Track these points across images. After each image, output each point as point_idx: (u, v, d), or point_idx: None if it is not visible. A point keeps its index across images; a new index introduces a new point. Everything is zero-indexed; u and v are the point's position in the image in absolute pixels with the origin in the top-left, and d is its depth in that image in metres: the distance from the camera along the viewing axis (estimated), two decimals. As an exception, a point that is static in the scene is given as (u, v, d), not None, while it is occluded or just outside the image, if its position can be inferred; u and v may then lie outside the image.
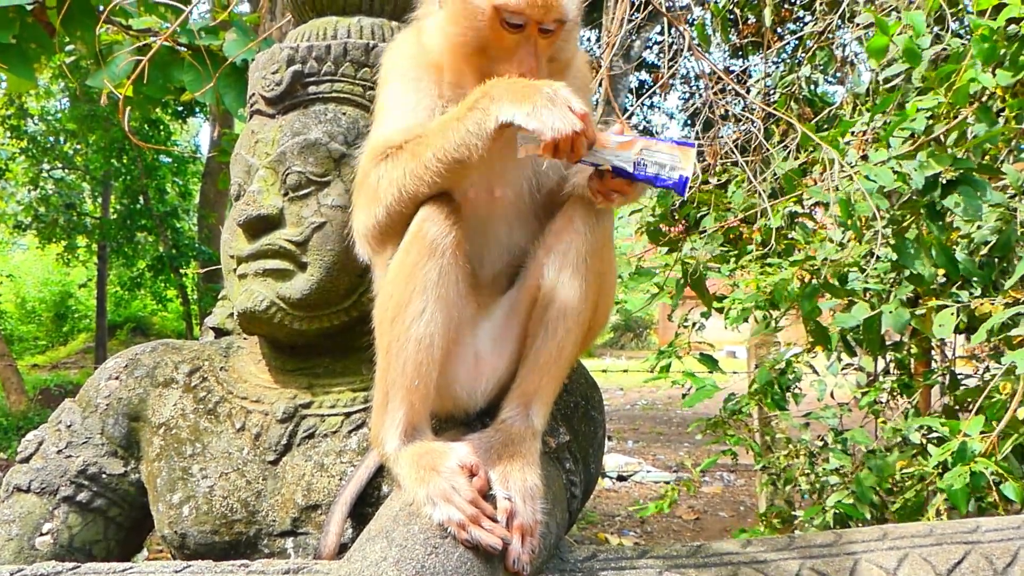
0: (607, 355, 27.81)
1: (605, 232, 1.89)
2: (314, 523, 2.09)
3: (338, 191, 2.19)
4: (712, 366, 3.80)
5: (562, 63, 1.88)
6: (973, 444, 2.63)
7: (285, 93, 2.28)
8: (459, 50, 1.84)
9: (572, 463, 2.12)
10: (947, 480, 2.58)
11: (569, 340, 1.87)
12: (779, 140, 4.35)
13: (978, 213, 2.90)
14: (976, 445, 2.63)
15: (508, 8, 1.73)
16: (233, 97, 4.68)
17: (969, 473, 2.55)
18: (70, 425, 2.34)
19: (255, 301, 2.18)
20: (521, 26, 1.76)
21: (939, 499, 2.82)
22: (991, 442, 2.66)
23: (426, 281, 1.75)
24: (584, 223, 1.86)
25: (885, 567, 1.82)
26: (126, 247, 18.41)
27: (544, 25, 1.77)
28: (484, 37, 1.79)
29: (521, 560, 1.63)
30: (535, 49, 1.78)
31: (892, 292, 3.31)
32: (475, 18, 1.79)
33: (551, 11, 1.75)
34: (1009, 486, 2.57)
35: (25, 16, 4.49)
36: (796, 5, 6.69)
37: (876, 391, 3.84)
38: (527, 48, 1.78)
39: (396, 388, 1.79)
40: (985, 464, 2.54)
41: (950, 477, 2.58)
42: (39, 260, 26.58)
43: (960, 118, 2.97)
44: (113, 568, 1.81)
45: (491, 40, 1.79)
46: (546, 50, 1.82)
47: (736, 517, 7.86)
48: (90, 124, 15.72)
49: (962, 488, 2.54)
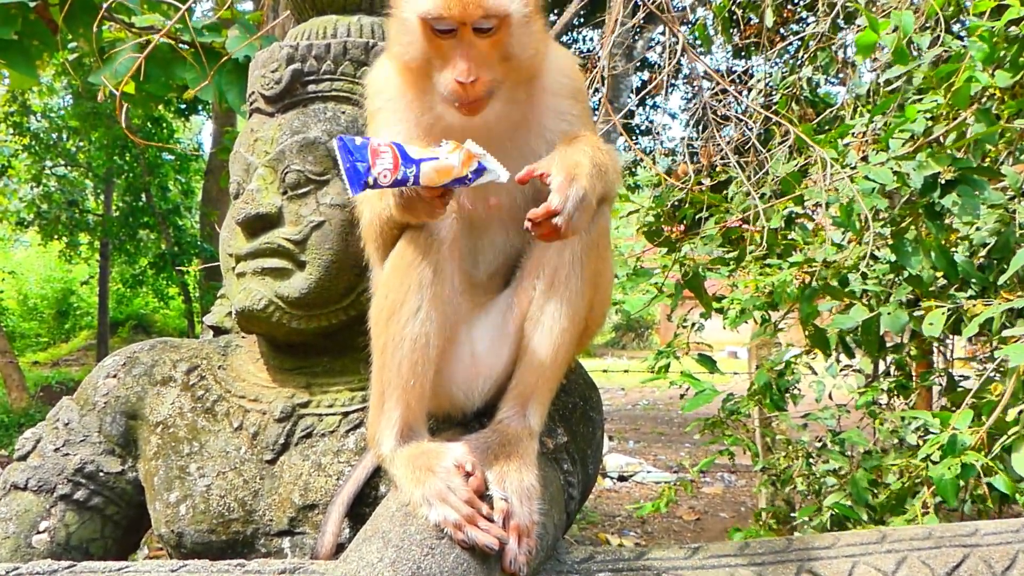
0: (608, 355, 27.80)
1: (601, 231, 1.88)
2: (311, 523, 2.09)
3: (337, 190, 2.19)
4: (711, 367, 3.79)
5: (523, 60, 1.81)
6: (963, 437, 2.62)
7: (284, 91, 2.28)
8: (410, 66, 1.83)
9: (570, 464, 2.12)
10: (937, 471, 2.57)
11: (565, 340, 1.87)
12: (780, 141, 4.34)
13: (976, 212, 2.89)
14: (966, 438, 2.62)
15: (431, 16, 1.70)
16: (235, 94, 4.69)
17: (959, 465, 2.54)
18: (68, 423, 2.34)
19: (253, 300, 2.17)
20: (453, 31, 1.72)
21: (926, 492, 2.81)
22: (980, 437, 2.66)
23: (421, 280, 1.75)
24: None
25: (883, 570, 1.82)
26: (128, 244, 18.43)
27: (476, 24, 1.71)
28: (423, 49, 1.77)
29: (518, 561, 1.63)
30: (469, 52, 1.73)
31: (891, 294, 3.31)
32: (409, 33, 1.78)
33: (474, 8, 1.69)
34: (999, 479, 2.57)
35: (28, 13, 4.49)
36: (798, 6, 6.68)
37: (874, 392, 3.83)
38: (461, 52, 1.73)
39: (392, 388, 1.79)
40: (975, 457, 2.54)
41: (940, 468, 2.57)
42: (41, 257, 26.63)
43: (960, 119, 2.96)
44: (110, 567, 1.81)
45: (430, 51, 1.76)
46: (493, 50, 1.76)
47: (736, 518, 7.85)
48: (93, 121, 15.72)
49: (951, 480, 2.54)
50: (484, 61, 1.75)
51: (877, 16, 3.33)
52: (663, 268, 3.98)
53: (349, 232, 2.14)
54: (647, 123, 12.21)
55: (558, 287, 1.85)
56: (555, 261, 1.85)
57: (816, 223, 4.02)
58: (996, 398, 2.86)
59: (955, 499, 2.58)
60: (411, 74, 1.85)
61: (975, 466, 2.53)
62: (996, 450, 2.65)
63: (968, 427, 2.67)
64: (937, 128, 3.04)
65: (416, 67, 1.81)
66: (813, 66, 4.83)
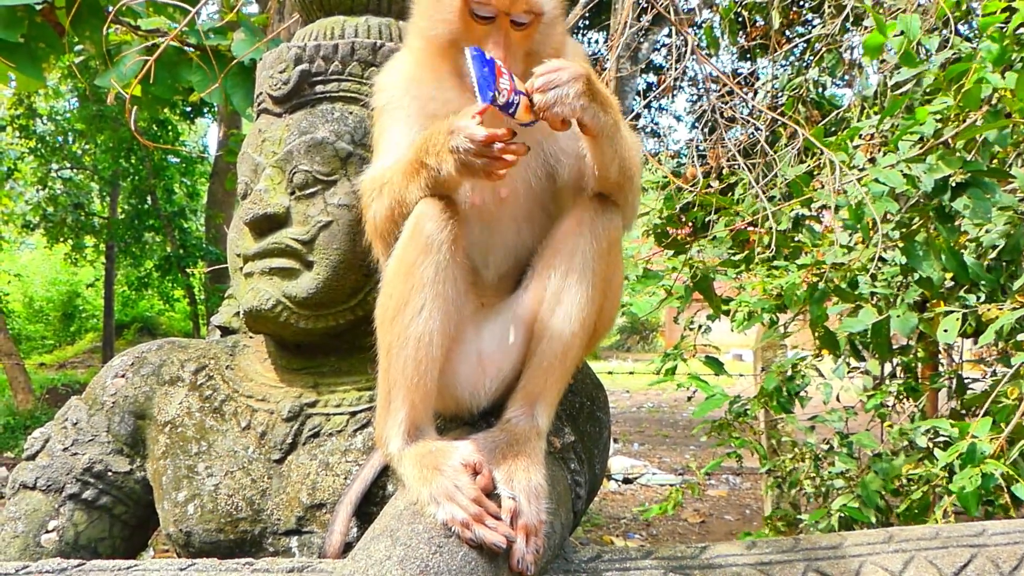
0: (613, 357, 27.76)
1: (613, 235, 1.88)
2: (319, 522, 2.09)
3: (344, 190, 2.19)
4: (718, 369, 3.79)
5: (543, 58, 1.82)
6: (982, 446, 2.61)
7: (292, 92, 2.28)
8: (433, 44, 1.85)
9: (577, 463, 2.12)
10: (957, 482, 2.56)
11: (574, 342, 1.87)
12: (787, 143, 4.34)
13: (987, 215, 2.88)
14: (985, 447, 2.61)
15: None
16: (241, 97, 4.69)
17: (980, 475, 2.53)
18: (76, 423, 2.35)
19: (261, 300, 2.18)
20: (491, 18, 1.76)
21: (947, 501, 2.80)
22: (999, 444, 2.65)
23: (424, 278, 1.75)
24: (592, 226, 1.86)
25: (890, 570, 1.81)
26: (134, 247, 18.50)
27: (515, 17, 1.76)
28: (455, 30, 1.80)
29: (525, 560, 1.63)
30: (504, 40, 1.77)
31: (900, 296, 3.30)
32: (445, 11, 1.80)
33: (520, 2, 1.75)
34: (1021, 487, 2.56)
35: (34, 16, 4.50)
36: (804, 8, 6.68)
37: (882, 394, 3.82)
38: (495, 39, 1.77)
39: (398, 387, 1.79)
40: (996, 466, 2.53)
41: (960, 479, 2.56)
42: (47, 260, 26.71)
43: (969, 121, 2.96)
44: (118, 565, 1.81)
45: (462, 32, 1.79)
46: (522, 44, 1.81)
47: (742, 520, 7.83)
48: (99, 124, 15.78)
49: (973, 491, 2.52)
50: (513, 52, 1.79)
51: (885, 18, 3.33)
52: (671, 270, 3.98)
53: (357, 232, 2.14)
54: (653, 125, 12.22)
55: (569, 289, 1.85)
56: (566, 263, 1.85)
57: (825, 226, 4.02)
58: (1013, 403, 2.85)
59: (976, 509, 2.56)
60: (431, 53, 1.87)
61: (995, 475, 2.52)
62: (1014, 455, 2.64)
63: (987, 435, 2.66)
64: (947, 130, 3.03)
65: (440, 46, 1.83)
66: (820, 68, 4.83)
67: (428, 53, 1.87)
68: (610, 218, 1.87)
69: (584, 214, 1.87)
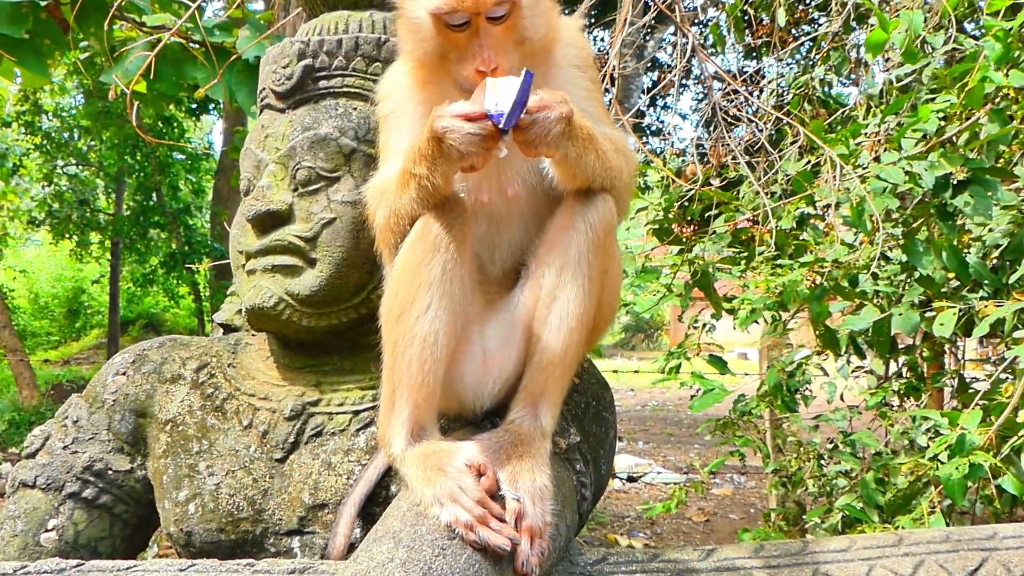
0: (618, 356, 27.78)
1: (606, 227, 1.84)
2: (321, 522, 2.07)
3: (348, 187, 2.18)
4: (721, 368, 3.77)
5: (537, 41, 1.82)
6: (972, 437, 2.59)
7: (296, 87, 2.27)
8: (424, 62, 1.84)
9: (583, 464, 2.10)
10: (945, 470, 2.55)
11: (573, 338, 1.84)
12: (791, 141, 4.31)
13: (989, 213, 2.87)
14: (974, 438, 2.59)
15: (443, 11, 1.71)
16: (245, 94, 4.69)
17: (968, 465, 2.52)
18: (76, 421, 2.34)
19: (263, 297, 2.16)
20: (466, 23, 1.73)
21: (934, 491, 2.79)
22: (989, 437, 2.63)
23: (431, 278, 1.73)
24: (583, 218, 1.82)
25: (900, 574, 1.80)
26: (139, 243, 18.52)
27: (489, 13, 1.72)
28: (438, 44, 1.78)
29: (530, 562, 1.61)
30: (487, 41, 1.74)
31: (902, 295, 3.28)
32: (421, 31, 1.78)
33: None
34: (1008, 480, 2.54)
35: (39, 12, 4.49)
36: (811, 6, 6.65)
37: (884, 393, 3.81)
38: (477, 42, 1.74)
39: (402, 387, 1.77)
40: (984, 457, 2.51)
41: (947, 468, 2.55)
42: (52, 256, 26.72)
43: (973, 119, 2.94)
44: (118, 566, 1.80)
45: (445, 45, 1.77)
46: (508, 35, 1.77)
47: (746, 519, 7.82)
48: (104, 120, 15.77)
49: (959, 480, 2.51)
50: (501, 48, 1.75)
51: (889, 16, 3.31)
52: (672, 267, 3.96)
53: (360, 229, 2.13)
54: (657, 123, 12.20)
55: (564, 285, 1.82)
56: (561, 259, 1.83)
57: (827, 223, 4.00)
58: (1007, 399, 2.83)
59: (963, 499, 2.55)
60: (426, 71, 1.85)
61: (983, 466, 2.51)
62: (1005, 451, 2.63)
63: (977, 427, 2.65)
64: (950, 128, 3.01)
65: (431, 63, 1.82)
66: (825, 66, 4.81)
67: (424, 67, 1.86)
68: (602, 207, 1.83)
69: (575, 207, 1.84)
